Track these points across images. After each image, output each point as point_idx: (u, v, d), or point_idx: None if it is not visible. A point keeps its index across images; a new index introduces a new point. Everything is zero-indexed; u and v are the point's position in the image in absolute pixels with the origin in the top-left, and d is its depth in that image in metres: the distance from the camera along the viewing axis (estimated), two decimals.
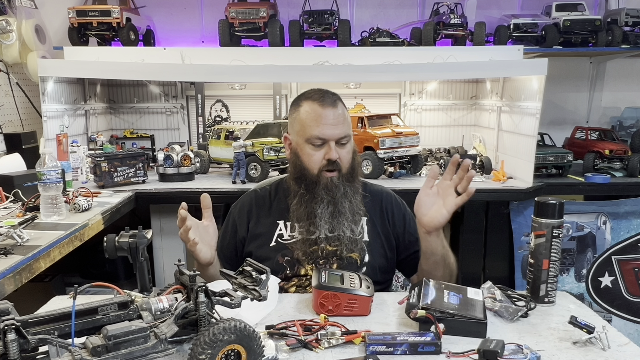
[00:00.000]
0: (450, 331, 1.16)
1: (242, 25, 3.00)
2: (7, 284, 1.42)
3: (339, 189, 1.63)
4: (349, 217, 1.63)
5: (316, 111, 1.62)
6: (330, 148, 1.62)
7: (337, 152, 1.63)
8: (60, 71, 2.70)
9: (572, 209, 2.93)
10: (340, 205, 1.63)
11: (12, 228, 1.68)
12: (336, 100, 1.66)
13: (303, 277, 1.64)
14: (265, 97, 3.49)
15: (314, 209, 1.63)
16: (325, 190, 1.63)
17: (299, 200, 1.66)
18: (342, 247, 1.63)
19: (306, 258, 1.63)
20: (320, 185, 1.63)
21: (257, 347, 0.95)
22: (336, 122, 1.62)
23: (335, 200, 1.63)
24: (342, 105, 1.68)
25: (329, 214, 1.62)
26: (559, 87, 3.63)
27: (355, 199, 1.66)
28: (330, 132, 1.61)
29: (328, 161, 1.62)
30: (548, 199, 1.37)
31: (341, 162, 1.64)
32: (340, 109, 1.65)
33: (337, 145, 1.63)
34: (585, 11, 3.16)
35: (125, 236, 1.24)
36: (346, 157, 1.66)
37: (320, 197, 1.63)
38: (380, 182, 2.72)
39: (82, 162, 2.74)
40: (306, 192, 1.65)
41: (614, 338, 1.17)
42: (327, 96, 1.65)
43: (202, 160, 3.01)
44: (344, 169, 1.65)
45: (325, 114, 1.61)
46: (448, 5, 3.12)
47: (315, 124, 1.61)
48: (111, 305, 0.94)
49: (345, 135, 1.64)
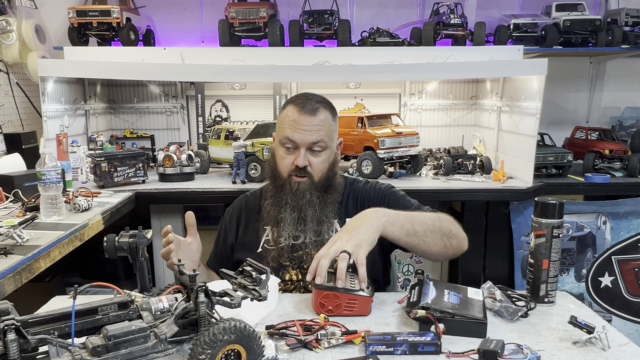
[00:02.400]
0: (450, 331, 1.16)
1: (242, 25, 3.00)
2: (7, 284, 1.42)
3: (304, 195, 1.61)
4: (312, 227, 1.61)
5: (293, 115, 1.62)
6: (299, 154, 1.60)
7: (308, 160, 1.61)
8: (60, 71, 2.70)
9: (572, 209, 2.93)
10: (304, 213, 1.61)
11: (12, 228, 1.68)
12: (319, 108, 1.62)
13: (288, 282, 1.62)
14: (265, 97, 3.49)
15: (280, 212, 1.62)
16: (291, 194, 1.62)
17: (269, 201, 1.67)
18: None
19: (291, 263, 1.63)
20: (286, 190, 1.63)
21: (257, 347, 0.95)
22: (310, 128, 1.60)
23: (299, 206, 1.61)
24: (329, 114, 1.65)
25: (292, 219, 1.61)
26: (559, 87, 3.63)
27: (325, 209, 1.63)
28: (300, 137, 1.60)
29: (296, 167, 1.61)
30: (548, 199, 1.37)
31: (312, 169, 1.63)
32: (319, 117, 1.61)
33: (310, 153, 1.62)
34: (585, 11, 3.16)
35: (125, 236, 1.24)
36: (319, 166, 1.63)
37: (286, 201, 1.63)
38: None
39: (82, 162, 2.74)
40: (274, 194, 1.66)
41: (614, 338, 1.17)
42: (310, 102, 1.63)
43: (202, 160, 3.01)
44: (316, 177, 1.63)
45: (300, 119, 1.60)
46: (448, 5, 3.12)
47: (288, 127, 1.61)
48: (111, 305, 0.94)
49: (318, 142, 1.61)
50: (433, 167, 3.11)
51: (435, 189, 2.70)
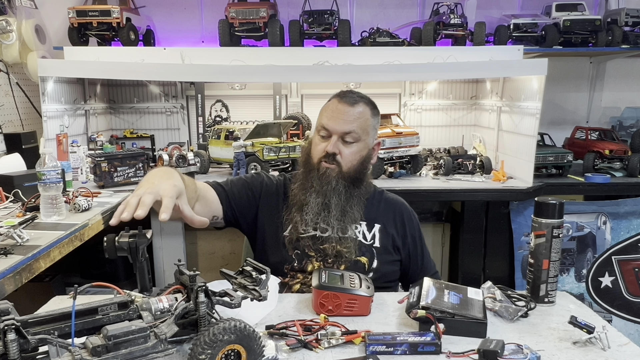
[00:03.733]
0: (450, 331, 1.16)
1: (242, 25, 3.00)
2: (7, 284, 1.42)
3: (330, 182, 1.63)
4: (336, 215, 1.62)
5: (333, 104, 1.67)
6: (331, 141, 1.63)
7: (338, 148, 1.63)
8: (60, 71, 2.70)
9: (572, 209, 2.93)
10: (328, 199, 1.62)
11: (12, 228, 1.68)
12: (358, 101, 1.67)
13: (309, 275, 1.62)
14: (265, 97, 3.49)
15: (305, 196, 1.64)
16: (318, 179, 1.64)
17: (298, 185, 1.68)
18: (352, 250, 1.62)
19: (315, 254, 1.63)
20: (315, 175, 1.65)
21: (257, 347, 0.95)
22: (345, 118, 1.63)
23: (324, 192, 1.62)
24: (368, 109, 1.68)
25: (317, 204, 1.62)
26: (559, 87, 3.63)
27: (349, 200, 1.65)
28: (334, 124, 1.63)
29: (326, 153, 1.63)
30: (548, 199, 1.37)
31: (342, 158, 1.64)
32: (357, 109, 1.65)
33: (342, 142, 1.64)
34: (585, 11, 3.16)
35: (125, 236, 1.23)
36: (349, 156, 1.65)
37: (312, 185, 1.64)
38: (380, 182, 2.73)
39: (82, 162, 2.74)
40: (303, 179, 1.67)
41: (614, 338, 1.17)
42: (350, 95, 1.68)
43: (202, 160, 3.01)
44: (345, 167, 1.65)
45: (338, 108, 1.65)
46: (448, 5, 3.12)
47: (326, 115, 1.66)
48: (111, 305, 0.94)
49: (350, 132, 1.64)
50: (433, 167, 3.11)
51: (435, 189, 2.70)
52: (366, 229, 1.70)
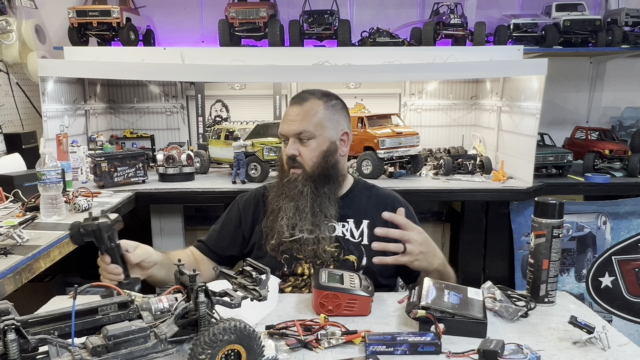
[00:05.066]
0: (450, 331, 1.16)
1: (242, 25, 3.00)
2: (7, 284, 1.42)
3: (297, 186, 1.63)
4: (308, 217, 1.62)
5: (287, 109, 1.71)
6: (286, 144, 1.66)
7: (298, 149, 1.64)
8: (60, 71, 2.70)
9: (572, 209, 2.93)
10: (297, 203, 1.63)
11: (12, 228, 1.68)
12: (307, 98, 1.66)
13: (300, 277, 1.63)
14: (265, 97, 3.49)
15: (279, 203, 1.65)
16: (287, 185, 1.66)
17: (272, 194, 1.70)
18: (340, 249, 1.63)
19: (304, 257, 1.63)
20: (284, 180, 1.68)
21: (257, 347, 0.95)
22: (294, 118, 1.64)
23: (292, 197, 1.63)
24: (320, 103, 1.65)
25: (290, 209, 1.63)
26: (559, 87, 3.63)
27: (317, 200, 1.63)
28: (286, 127, 1.66)
29: (288, 157, 1.65)
30: (548, 199, 1.37)
31: (302, 159, 1.64)
32: (305, 107, 1.64)
33: (300, 143, 1.65)
34: (585, 11, 3.16)
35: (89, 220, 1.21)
36: (308, 154, 1.64)
37: (283, 191, 1.66)
38: (380, 182, 2.73)
39: (82, 162, 2.74)
40: (277, 186, 1.70)
41: (614, 338, 1.17)
42: (300, 95, 1.70)
43: (202, 160, 3.01)
44: (307, 167, 1.65)
45: (288, 112, 1.68)
46: (448, 5, 3.12)
47: (282, 121, 1.70)
48: (111, 305, 0.94)
49: (302, 131, 1.62)
50: (433, 167, 3.11)
51: (435, 189, 2.70)
52: (354, 225, 1.68)
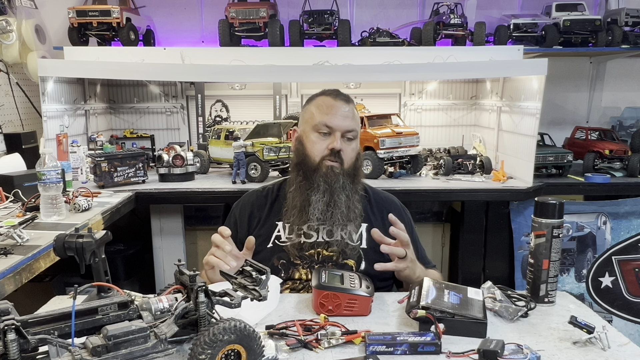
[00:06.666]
0: (450, 331, 1.16)
1: (242, 25, 3.00)
2: (7, 284, 1.42)
3: (337, 179, 1.62)
4: (343, 212, 1.60)
5: (328, 102, 1.67)
6: (335, 138, 1.63)
7: (342, 145, 1.64)
8: (60, 71, 2.70)
9: (572, 209, 2.93)
10: (337, 196, 1.61)
11: (12, 228, 1.68)
12: (349, 99, 1.70)
13: (297, 281, 1.62)
14: (265, 97, 3.49)
15: (309, 196, 1.61)
16: (323, 177, 1.62)
17: (296, 187, 1.65)
18: (338, 253, 1.62)
19: (301, 262, 1.63)
20: (319, 173, 1.63)
21: (257, 347, 0.95)
22: (345, 115, 1.65)
23: (332, 190, 1.61)
24: (354, 107, 1.72)
25: (323, 203, 1.60)
26: (559, 87, 3.63)
27: (352, 197, 1.64)
28: (338, 122, 1.64)
29: (331, 151, 1.63)
30: (548, 199, 1.37)
31: (344, 155, 1.64)
32: (351, 107, 1.69)
33: (343, 139, 1.65)
34: (585, 11, 3.16)
35: (74, 236, 1.21)
36: (350, 153, 1.66)
37: (317, 184, 1.62)
38: (380, 182, 2.73)
39: (82, 162, 2.74)
40: (304, 179, 1.65)
41: (614, 338, 1.18)
42: (341, 93, 1.71)
43: (202, 160, 3.01)
44: (346, 164, 1.65)
45: (336, 105, 1.66)
46: (448, 5, 3.12)
47: (325, 112, 1.65)
48: (111, 305, 0.94)
49: (352, 130, 1.66)
50: (433, 167, 3.11)
51: (435, 189, 2.70)
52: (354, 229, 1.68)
